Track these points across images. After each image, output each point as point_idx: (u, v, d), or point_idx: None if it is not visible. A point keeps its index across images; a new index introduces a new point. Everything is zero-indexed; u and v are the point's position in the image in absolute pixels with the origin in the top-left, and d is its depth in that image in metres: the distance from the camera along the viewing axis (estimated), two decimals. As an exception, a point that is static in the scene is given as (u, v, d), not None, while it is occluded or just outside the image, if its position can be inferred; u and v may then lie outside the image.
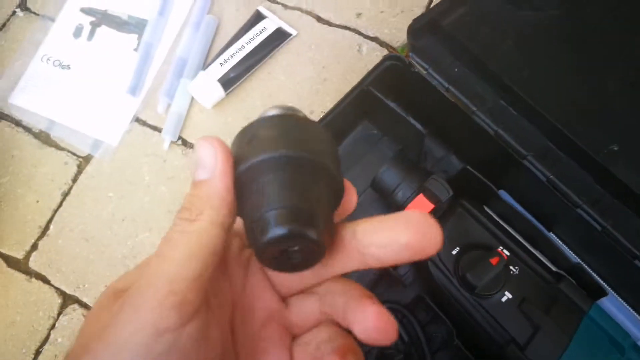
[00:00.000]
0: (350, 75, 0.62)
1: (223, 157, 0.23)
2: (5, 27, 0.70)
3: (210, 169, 0.23)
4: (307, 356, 0.25)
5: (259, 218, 0.22)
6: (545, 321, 0.44)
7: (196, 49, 0.65)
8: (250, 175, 0.23)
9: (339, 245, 0.24)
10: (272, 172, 0.22)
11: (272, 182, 0.22)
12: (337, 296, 0.24)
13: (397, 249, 0.22)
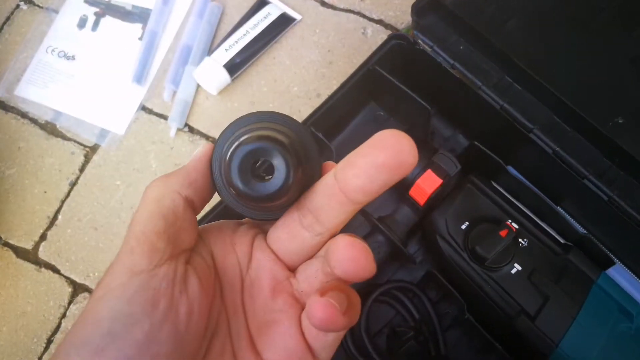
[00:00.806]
0: (355, 58, 0.65)
1: (203, 149, 0.27)
2: (9, 21, 0.73)
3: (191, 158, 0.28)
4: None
5: (229, 143, 0.25)
6: (555, 291, 0.46)
7: (201, 36, 0.67)
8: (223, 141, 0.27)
9: (324, 194, 0.26)
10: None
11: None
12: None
13: (375, 173, 0.23)
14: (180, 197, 0.26)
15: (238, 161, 0.25)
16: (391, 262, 0.56)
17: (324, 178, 0.26)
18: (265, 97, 0.66)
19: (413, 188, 0.50)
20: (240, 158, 0.25)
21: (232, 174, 0.25)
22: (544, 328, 0.45)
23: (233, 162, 0.25)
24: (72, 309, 0.62)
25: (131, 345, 0.22)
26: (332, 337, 0.26)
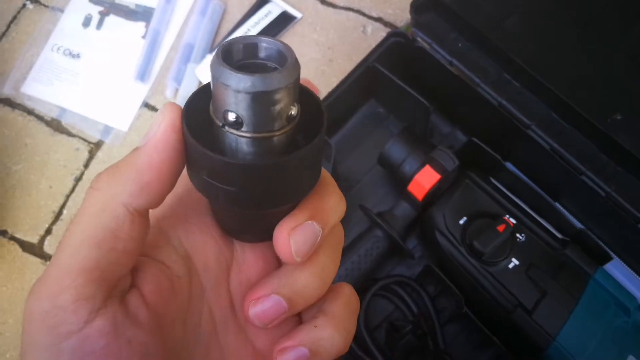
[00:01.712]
0: (355, 55, 0.64)
1: (166, 127, 0.21)
2: (15, 20, 0.73)
3: (147, 137, 0.21)
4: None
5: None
6: (552, 285, 0.46)
7: (203, 34, 0.67)
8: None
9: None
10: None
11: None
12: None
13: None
14: (126, 212, 0.20)
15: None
16: (390, 257, 0.56)
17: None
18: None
19: (412, 183, 0.50)
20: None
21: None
22: (541, 322, 0.45)
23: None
24: (77, 303, 0.62)
25: None
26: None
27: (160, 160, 0.21)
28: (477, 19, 0.53)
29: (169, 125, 0.20)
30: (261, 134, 0.20)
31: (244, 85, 0.19)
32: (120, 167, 0.21)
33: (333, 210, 0.24)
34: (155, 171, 0.21)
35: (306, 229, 0.22)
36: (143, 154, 0.21)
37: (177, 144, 0.21)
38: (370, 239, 0.53)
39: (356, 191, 0.59)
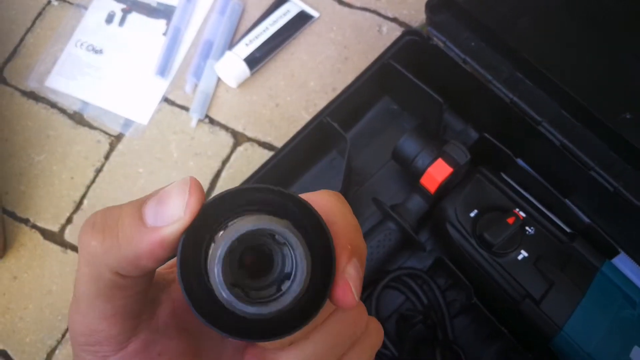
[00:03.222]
0: (370, 54, 0.66)
1: (192, 211, 0.20)
2: (41, 16, 0.76)
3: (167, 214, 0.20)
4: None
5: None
6: (560, 277, 0.47)
7: (222, 32, 0.69)
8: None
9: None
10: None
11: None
12: None
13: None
14: (122, 278, 0.21)
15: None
16: (402, 249, 0.57)
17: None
18: (283, 91, 0.68)
19: (424, 176, 0.52)
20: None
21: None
22: (549, 312, 0.46)
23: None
24: (95, 290, 0.64)
25: None
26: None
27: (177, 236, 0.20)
28: (490, 19, 0.54)
29: (193, 212, 0.20)
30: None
31: (236, 310, 0.18)
32: (116, 237, 0.20)
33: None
34: (154, 260, 0.20)
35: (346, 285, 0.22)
36: (149, 234, 0.20)
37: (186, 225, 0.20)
38: (382, 231, 0.55)
39: (369, 185, 0.60)
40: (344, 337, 0.25)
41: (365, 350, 0.26)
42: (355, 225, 0.24)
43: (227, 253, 0.18)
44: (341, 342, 0.25)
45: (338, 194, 0.25)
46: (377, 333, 0.27)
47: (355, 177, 0.61)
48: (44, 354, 0.63)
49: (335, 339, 0.24)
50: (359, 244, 0.23)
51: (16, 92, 0.73)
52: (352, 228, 0.23)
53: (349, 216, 0.24)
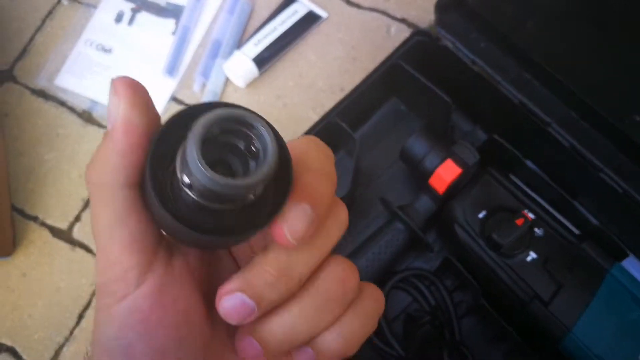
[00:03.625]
0: (379, 55, 0.65)
1: (125, 110, 0.21)
2: (51, 15, 0.75)
3: (110, 121, 0.22)
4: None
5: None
6: (569, 279, 0.47)
7: (231, 31, 0.69)
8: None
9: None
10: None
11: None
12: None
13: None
14: (131, 192, 0.22)
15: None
16: (409, 250, 0.57)
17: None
18: (291, 91, 0.67)
19: (433, 177, 0.51)
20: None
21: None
22: (558, 313, 0.46)
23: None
24: (103, 288, 0.64)
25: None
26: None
27: (137, 140, 0.21)
28: (500, 20, 0.54)
29: (128, 107, 0.21)
30: (212, 205, 0.20)
31: (209, 182, 0.19)
32: (107, 159, 0.22)
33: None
34: (137, 149, 0.21)
35: (298, 214, 0.22)
36: (116, 140, 0.21)
37: (143, 119, 0.22)
38: (390, 232, 0.54)
39: (377, 185, 0.60)
40: (332, 296, 0.25)
41: (359, 316, 0.26)
42: (326, 173, 0.24)
43: (204, 132, 0.19)
44: (330, 303, 0.25)
45: (318, 141, 0.25)
46: (374, 299, 0.27)
47: (362, 178, 0.60)
48: (52, 350, 0.62)
49: (323, 299, 0.24)
50: (322, 193, 0.23)
51: (26, 91, 0.72)
52: (319, 174, 0.23)
53: (324, 162, 0.24)
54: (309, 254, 0.24)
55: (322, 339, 0.25)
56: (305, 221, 0.22)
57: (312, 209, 0.22)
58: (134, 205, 0.22)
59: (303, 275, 0.24)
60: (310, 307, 0.24)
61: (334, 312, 0.25)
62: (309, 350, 0.25)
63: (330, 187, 0.24)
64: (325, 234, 0.24)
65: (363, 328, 0.26)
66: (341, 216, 0.25)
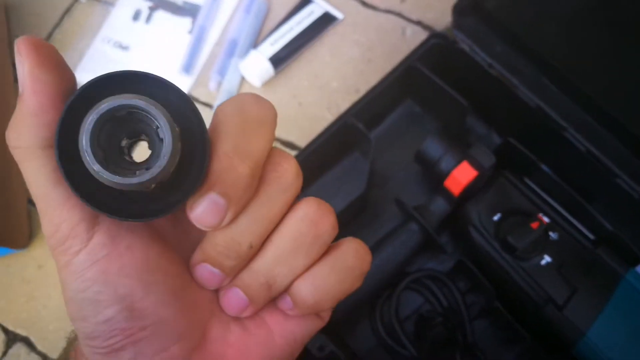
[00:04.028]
0: (394, 56, 0.65)
1: (31, 70, 0.21)
2: (69, 12, 0.76)
3: (20, 85, 0.21)
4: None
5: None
6: (584, 283, 0.47)
7: (247, 31, 0.69)
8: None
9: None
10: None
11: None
12: None
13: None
14: (52, 153, 0.22)
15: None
16: (422, 251, 0.57)
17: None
18: (306, 91, 0.67)
19: (448, 179, 0.51)
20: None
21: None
22: (572, 317, 0.45)
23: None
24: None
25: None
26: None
27: (48, 99, 0.21)
28: (517, 23, 0.54)
29: (34, 67, 0.21)
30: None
31: (98, 177, 0.20)
32: (21, 120, 0.21)
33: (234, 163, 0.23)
34: (49, 110, 0.21)
35: (204, 204, 0.23)
36: (28, 101, 0.21)
37: (52, 78, 0.21)
38: (404, 232, 0.54)
39: (391, 186, 0.60)
40: (303, 238, 0.25)
41: (334, 268, 0.26)
42: (242, 150, 0.23)
43: (95, 123, 0.19)
44: (302, 245, 0.25)
45: (239, 104, 0.24)
46: (355, 254, 0.26)
47: (376, 179, 0.60)
48: (65, 341, 0.63)
49: (294, 240, 0.25)
50: (236, 175, 0.23)
51: (43, 86, 0.73)
52: (232, 153, 0.23)
53: (240, 135, 0.23)
54: (248, 223, 0.24)
55: (296, 286, 0.26)
56: (213, 210, 0.22)
57: (221, 196, 0.22)
58: (56, 166, 0.22)
59: (255, 240, 0.24)
60: (282, 249, 0.25)
61: (307, 254, 0.25)
62: (287, 299, 0.26)
63: (248, 163, 0.23)
64: (264, 199, 0.24)
65: (340, 283, 0.26)
66: (284, 175, 0.25)
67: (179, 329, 0.25)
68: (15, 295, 0.65)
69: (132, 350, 0.24)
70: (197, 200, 0.23)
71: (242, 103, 0.24)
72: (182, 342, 0.25)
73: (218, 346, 0.26)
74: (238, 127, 0.23)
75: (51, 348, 0.63)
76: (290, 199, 0.25)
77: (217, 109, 0.24)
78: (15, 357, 0.63)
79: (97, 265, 0.23)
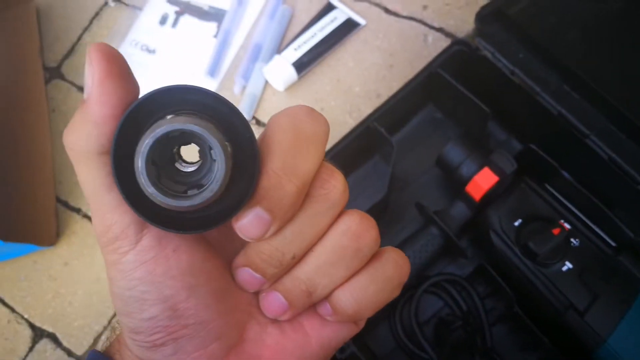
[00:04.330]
0: (415, 62, 0.66)
1: (100, 79, 0.21)
2: (98, 16, 0.77)
3: (86, 90, 0.22)
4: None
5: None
6: (605, 289, 0.47)
7: (271, 36, 0.70)
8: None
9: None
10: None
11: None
12: None
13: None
14: (107, 159, 0.22)
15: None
16: (442, 256, 0.57)
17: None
18: (328, 95, 0.68)
19: (470, 184, 0.51)
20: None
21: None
22: (593, 323, 0.45)
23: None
24: (140, 280, 0.65)
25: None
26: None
27: (111, 110, 0.21)
28: (540, 31, 0.54)
29: (103, 77, 0.21)
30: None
31: (152, 198, 0.20)
32: (82, 126, 0.22)
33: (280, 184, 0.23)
34: (110, 120, 0.21)
35: (249, 217, 0.23)
36: (92, 109, 0.21)
37: (118, 89, 0.21)
38: (425, 236, 0.54)
39: (411, 190, 0.60)
40: (345, 251, 0.25)
41: (375, 279, 0.26)
42: (291, 166, 0.23)
43: (149, 149, 0.20)
44: (343, 257, 0.25)
45: (291, 119, 0.24)
46: (396, 265, 0.27)
47: (396, 183, 0.61)
48: (90, 338, 0.64)
49: (336, 252, 0.25)
50: (283, 192, 0.23)
51: (72, 88, 0.74)
52: (281, 171, 0.23)
53: (289, 151, 0.23)
54: (293, 235, 0.24)
55: (336, 295, 0.26)
56: (258, 223, 0.23)
57: (266, 212, 0.23)
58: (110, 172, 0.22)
59: (298, 251, 0.25)
60: (324, 261, 0.25)
61: (348, 266, 0.25)
62: (327, 305, 0.26)
63: (296, 182, 0.23)
64: (310, 214, 0.24)
65: (379, 292, 0.26)
66: (331, 192, 0.25)
67: (219, 328, 0.25)
68: (42, 292, 0.67)
69: (173, 346, 0.24)
70: (243, 213, 0.23)
71: (296, 117, 0.24)
72: (220, 341, 0.25)
73: (255, 347, 0.27)
74: (290, 144, 0.23)
75: (76, 344, 0.64)
76: (335, 215, 0.25)
77: (271, 120, 0.24)
78: (41, 352, 0.65)
79: (145, 267, 0.23)
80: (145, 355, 0.25)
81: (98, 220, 0.23)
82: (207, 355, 0.25)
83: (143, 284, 0.23)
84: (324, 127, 0.25)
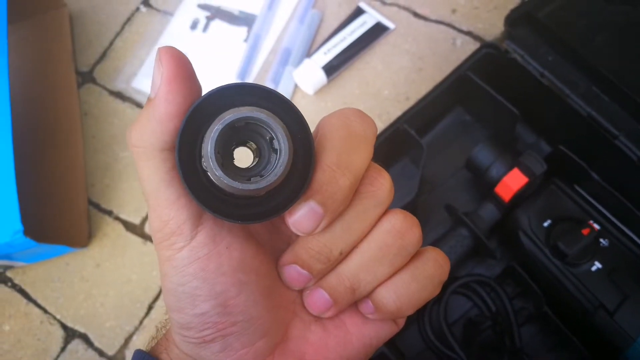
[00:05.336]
0: (444, 66, 0.70)
1: (168, 78, 0.23)
2: (130, 21, 0.83)
3: (154, 88, 0.24)
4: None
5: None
6: (635, 290, 0.49)
7: (301, 40, 0.74)
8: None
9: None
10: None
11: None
12: None
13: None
14: (170, 155, 0.25)
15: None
16: (471, 257, 0.60)
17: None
18: (357, 99, 0.72)
19: (499, 185, 0.54)
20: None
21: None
22: (623, 323, 0.48)
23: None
24: (171, 281, 0.69)
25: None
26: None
27: (176, 108, 0.23)
28: (569, 34, 0.57)
29: (170, 77, 0.23)
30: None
31: (218, 182, 0.23)
32: (147, 123, 0.24)
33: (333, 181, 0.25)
34: (174, 118, 0.23)
35: (303, 211, 0.25)
36: (158, 107, 0.23)
37: (183, 88, 0.24)
38: (454, 237, 0.58)
39: (440, 192, 0.64)
40: (388, 248, 0.27)
41: (416, 277, 0.28)
42: (344, 162, 0.25)
43: (219, 133, 0.22)
44: (387, 254, 0.27)
45: (344, 119, 0.26)
46: (436, 264, 0.29)
47: (424, 185, 0.64)
48: (122, 339, 0.68)
49: (380, 250, 0.27)
50: (336, 187, 0.25)
51: (104, 92, 0.80)
52: (334, 166, 0.25)
53: (343, 148, 0.25)
54: (341, 231, 0.26)
55: (379, 292, 0.28)
56: (311, 217, 0.25)
57: (319, 205, 0.25)
58: (174, 166, 0.24)
59: (345, 248, 0.27)
60: (368, 257, 0.27)
61: (392, 263, 0.27)
62: (369, 303, 0.28)
63: (349, 176, 0.25)
64: (359, 211, 0.26)
65: (420, 291, 0.28)
66: (379, 189, 0.27)
67: (265, 326, 0.28)
68: (74, 293, 0.71)
69: (221, 343, 0.27)
70: (297, 206, 0.25)
71: (347, 118, 0.26)
72: (266, 339, 0.28)
73: (298, 344, 0.29)
74: (343, 141, 0.25)
75: (108, 345, 0.68)
76: (381, 212, 0.27)
77: (323, 121, 0.27)
78: (73, 353, 0.69)
79: (198, 263, 0.25)
80: (194, 351, 0.27)
81: (155, 216, 0.25)
82: (253, 352, 0.27)
83: (196, 279, 0.25)
84: (372, 128, 0.27)
